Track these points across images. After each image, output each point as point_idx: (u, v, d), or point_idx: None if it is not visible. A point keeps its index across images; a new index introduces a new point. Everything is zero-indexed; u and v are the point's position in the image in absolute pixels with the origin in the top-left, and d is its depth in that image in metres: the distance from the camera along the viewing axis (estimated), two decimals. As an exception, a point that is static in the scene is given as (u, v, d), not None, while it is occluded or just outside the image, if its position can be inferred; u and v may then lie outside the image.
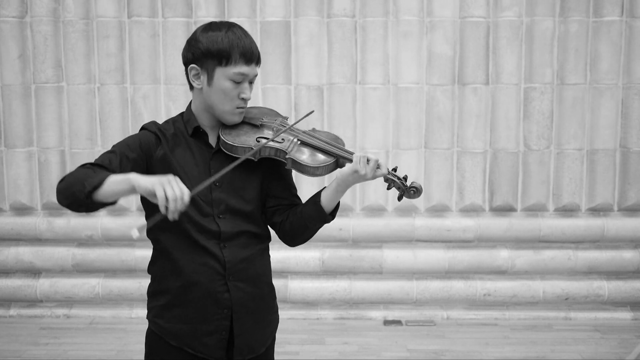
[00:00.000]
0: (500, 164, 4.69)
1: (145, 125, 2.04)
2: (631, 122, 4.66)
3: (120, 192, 1.77)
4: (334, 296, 4.67)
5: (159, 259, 2.04)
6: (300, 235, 2.07)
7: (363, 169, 1.94)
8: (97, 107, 4.68)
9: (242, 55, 1.94)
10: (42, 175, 4.72)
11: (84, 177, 1.79)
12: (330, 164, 2.00)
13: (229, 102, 1.97)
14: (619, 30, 4.59)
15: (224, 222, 1.98)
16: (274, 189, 2.07)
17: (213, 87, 1.95)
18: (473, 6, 4.57)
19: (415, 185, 2.04)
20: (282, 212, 2.07)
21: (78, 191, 1.77)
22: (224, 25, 1.97)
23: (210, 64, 1.94)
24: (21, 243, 4.74)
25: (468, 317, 4.66)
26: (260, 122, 2.05)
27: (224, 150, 1.99)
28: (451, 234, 4.70)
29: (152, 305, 2.06)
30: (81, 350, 4.16)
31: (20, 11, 4.61)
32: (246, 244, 2.02)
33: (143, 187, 1.71)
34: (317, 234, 2.17)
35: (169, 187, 1.68)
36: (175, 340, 2.01)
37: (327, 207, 2.00)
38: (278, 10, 4.59)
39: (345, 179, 1.96)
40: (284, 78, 4.63)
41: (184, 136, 2.01)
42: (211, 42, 1.93)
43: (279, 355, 3.98)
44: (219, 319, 1.99)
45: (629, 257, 4.68)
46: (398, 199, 2.07)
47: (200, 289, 1.98)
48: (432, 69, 4.62)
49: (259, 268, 2.06)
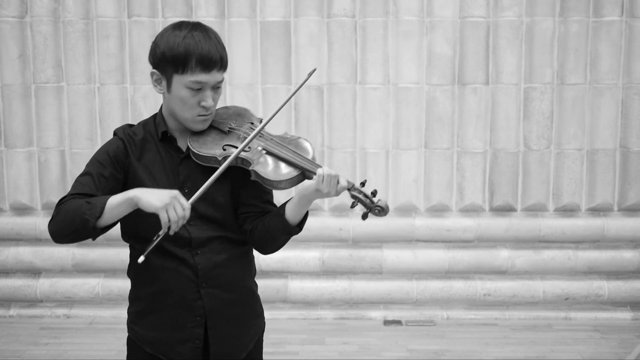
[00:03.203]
0: (500, 164, 4.69)
1: (116, 130, 2.00)
2: (631, 122, 4.66)
3: (123, 213, 1.78)
4: (334, 296, 4.67)
5: (134, 266, 2.00)
6: (268, 245, 1.99)
7: (326, 187, 1.83)
8: (97, 107, 4.68)
9: (199, 62, 1.84)
10: (42, 175, 4.72)
11: (80, 210, 1.76)
12: (295, 178, 1.88)
13: (189, 111, 1.89)
14: (619, 30, 4.59)
15: (195, 229, 1.93)
16: (243, 196, 1.99)
17: (172, 94, 1.89)
18: (473, 6, 4.57)
19: (381, 204, 1.89)
20: (252, 220, 1.98)
21: (82, 226, 1.76)
22: (186, 27, 1.87)
23: (168, 70, 1.86)
24: (21, 243, 4.74)
25: (468, 317, 4.66)
26: (227, 127, 1.97)
27: (193, 157, 1.93)
28: (451, 234, 4.70)
29: (129, 310, 2.06)
30: (81, 350, 4.16)
31: (20, 11, 4.61)
32: (220, 249, 1.96)
33: (146, 207, 1.74)
34: (317, 234, 2.16)
35: (172, 210, 1.72)
36: (150, 347, 1.99)
37: (292, 220, 1.90)
38: (278, 10, 4.59)
39: (307, 195, 1.86)
40: (284, 78, 4.63)
41: (154, 140, 1.96)
42: (168, 47, 1.84)
43: (279, 355, 3.99)
44: (192, 327, 1.96)
45: (629, 257, 4.68)
46: (362, 217, 1.92)
47: (173, 297, 1.94)
48: (432, 69, 4.62)
49: (235, 273, 2.01)
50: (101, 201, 1.77)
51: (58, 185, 4.70)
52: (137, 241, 1.97)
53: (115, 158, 1.92)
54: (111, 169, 1.90)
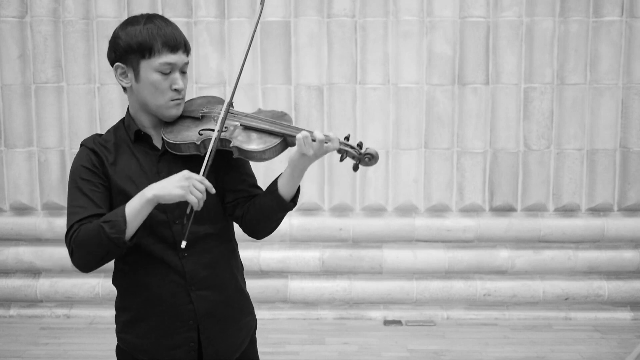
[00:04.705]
0: (500, 164, 4.69)
1: (83, 141, 1.95)
2: (631, 122, 4.66)
3: (145, 215, 1.78)
4: (334, 296, 4.67)
5: (119, 273, 1.97)
6: (264, 227, 1.95)
7: (309, 149, 1.79)
8: (97, 107, 4.68)
9: (165, 44, 1.83)
10: (42, 175, 4.71)
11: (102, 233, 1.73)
12: (278, 145, 1.85)
13: (161, 96, 1.86)
14: (619, 30, 4.59)
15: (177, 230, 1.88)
16: (229, 182, 1.96)
17: (141, 82, 1.85)
18: (473, 6, 4.57)
19: (370, 151, 1.86)
20: (242, 205, 1.95)
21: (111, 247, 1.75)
22: (142, 18, 1.88)
23: (133, 59, 1.85)
24: (21, 243, 4.74)
25: (468, 317, 4.66)
26: (200, 113, 1.94)
27: (170, 150, 1.89)
28: (451, 234, 4.70)
29: (118, 320, 2.01)
30: (81, 350, 4.16)
31: (20, 11, 4.61)
32: (207, 249, 1.92)
33: (170, 199, 1.75)
34: (317, 234, 2.15)
35: (195, 190, 1.73)
36: (143, 354, 1.96)
37: (287, 195, 1.87)
38: (278, 10, 4.59)
39: (297, 163, 1.83)
40: (284, 78, 4.63)
41: (127, 144, 1.92)
42: (130, 36, 1.85)
43: (279, 355, 3.99)
44: (184, 331, 1.92)
45: (629, 257, 4.68)
46: (353, 168, 1.89)
47: (162, 303, 1.90)
48: (432, 69, 4.62)
49: (224, 273, 1.98)
50: (119, 214, 1.75)
51: (58, 185, 4.70)
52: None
53: (94, 169, 1.88)
54: (97, 180, 1.86)
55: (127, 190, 1.87)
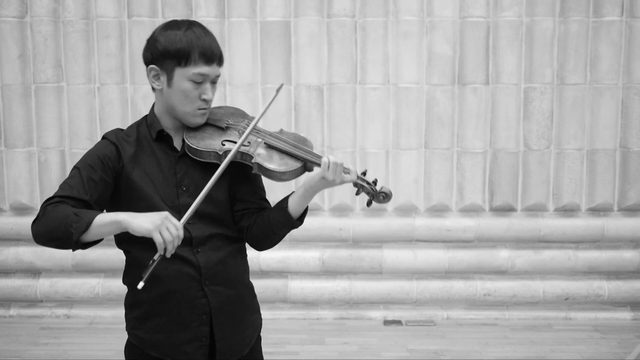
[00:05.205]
0: (500, 164, 4.69)
1: (106, 134, 1.98)
2: (631, 122, 4.66)
3: (108, 233, 1.77)
4: (334, 296, 4.67)
5: (132, 270, 1.98)
6: (267, 240, 2.02)
7: (331, 175, 1.88)
8: (97, 107, 4.68)
9: (202, 55, 1.87)
10: (42, 175, 4.71)
11: (67, 220, 1.74)
12: (298, 169, 1.93)
13: (190, 104, 1.90)
14: (619, 30, 4.59)
15: (194, 227, 1.92)
16: (240, 192, 2.01)
17: (173, 88, 1.89)
18: (473, 6, 4.57)
19: (385, 190, 1.97)
20: (250, 216, 2.01)
21: (65, 236, 1.74)
22: (184, 24, 1.90)
23: (169, 65, 1.88)
24: (21, 243, 4.74)
25: (468, 317, 4.66)
26: (225, 124, 1.98)
27: (189, 154, 1.93)
28: (451, 234, 4.70)
29: (129, 316, 2.03)
30: (81, 350, 4.16)
31: (20, 11, 4.61)
32: (219, 247, 1.97)
33: (137, 230, 1.71)
34: (317, 234, 2.17)
35: (165, 230, 1.70)
36: (155, 350, 1.97)
37: (295, 213, 1.96)
38: (278, 10, 4.59)
39: (313, 185, 1.91)
40: (284, 78, 4.63)
41: (148, 141, 1.96)
42: (169, 41, 1.87)
43: (279, 355, 3.99)
44: (197, 325, 1.96)
45: (629, 257, 4.68)
46: (367, 204, 1.99)
47: (176, 297, 1.93)
48: (432, 69, 4.62)
49: (234, 269, 2.02)
50: (89, 216, 1.74)
51: (58, 185, 4.68)
52: (131, 245, 1.94)
53: (106, 162, 1.89)
54: (101, 173, 1.88)
55: (142, 185, 1.91)
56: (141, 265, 1.83)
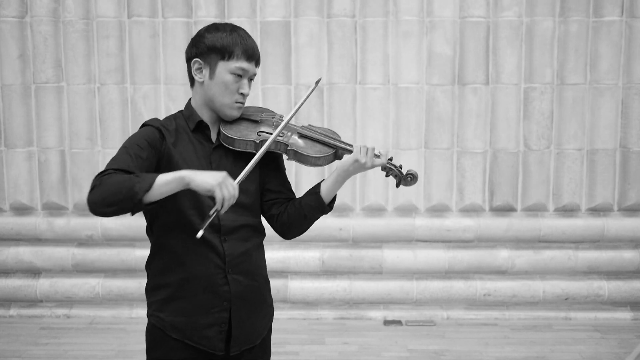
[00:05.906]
0: (500, 164, 4.69)
1: (147, 122, 2.08)
2: (631, 122, 4.66)
3: (170, 192, 1.85)
4: (334, 296, 4.67)
5: (159, 253, 2.08)
6: (298, 226, 2.15)
7: (364, 157, 2.06)
8: (97, 107, 4.68)
9: (245, 52, 2.06)
10: (42, 175, 4.71)
11: (129, 182, 1.81)
12: (330, 155, 2.11)
13: (229, 96, 2.05)
14: (619, 30, 4.59)
15: (225, 215, 2.00)
16: (271, 182, 2.16)
17: (214, 79, 2.04)
18: (473, 6, 4.57)
19: (412, 172, 2.16)
20: (280, 205, 2.15)
21: (127, 197, 1.80)
22: (228, 26, 2.08)
23: (213, 58, 2.04)
24: (21, 243, 4.74)
25: (468, 317, 4.66)
26: (259, 117, 2.15)
27: (225, 144, 2.07)
28: (451, 234, 4.71)
29: (152, 300, 2.10)
30: (81, 350, 4.16)
31: (20, 11, 4.61)
32: (245, 238, 2.08)
33: (201, 185, 1.82)
34: (317, 233, 2.21)
35: (225, 188, 1.83)
36: (176, 333, 2.05)
37: (326, 198, 2.11)
38: (278, 10, 4.60)
39: (347, 169, 2.07)
40: (284, 78, 4.63)
41: (186, 131, 2.08)
42: (216, 38, 2.04)
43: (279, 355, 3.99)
44: (218, 311, 2.05)
45: (629, 257, 4.68)
46: (396, 185, 2.19)
47: (200, 282, 2.03)
48: (432, 69, 4.62)
49: (255, 262, 2.13)
50: (151, 176, 1.83)
51: (58, 185, 4.70)
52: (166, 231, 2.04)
53: (153, 144, 1.99)
54: (148, 153, 1.97)
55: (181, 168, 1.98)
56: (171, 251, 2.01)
